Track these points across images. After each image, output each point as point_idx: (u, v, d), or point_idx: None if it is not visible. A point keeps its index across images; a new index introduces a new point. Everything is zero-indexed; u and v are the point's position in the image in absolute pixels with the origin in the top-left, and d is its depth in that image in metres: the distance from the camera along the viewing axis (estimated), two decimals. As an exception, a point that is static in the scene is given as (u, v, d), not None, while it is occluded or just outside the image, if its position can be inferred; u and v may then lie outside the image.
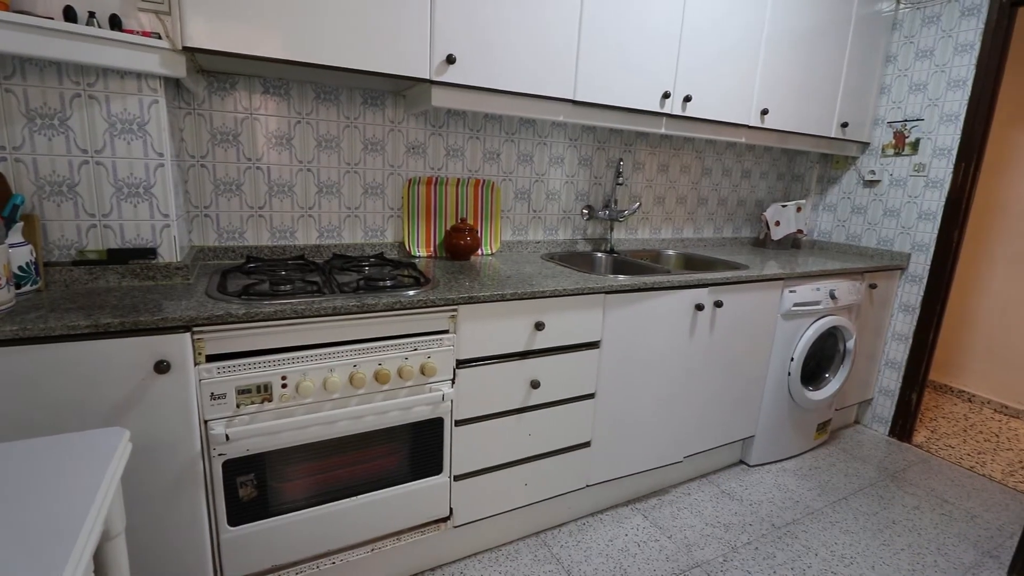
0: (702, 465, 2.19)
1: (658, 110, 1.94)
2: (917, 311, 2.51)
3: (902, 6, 2.53)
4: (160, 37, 1.25)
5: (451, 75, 1.53)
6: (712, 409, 2.06)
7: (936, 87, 2.41)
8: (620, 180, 2.24)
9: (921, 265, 2.48)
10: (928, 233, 2.45)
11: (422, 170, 1.92)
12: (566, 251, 2.27)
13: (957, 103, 2.34)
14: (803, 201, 2.76)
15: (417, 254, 1.92)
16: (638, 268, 2.13)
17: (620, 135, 2.33)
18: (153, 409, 1.08)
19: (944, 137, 2.39)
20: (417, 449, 1.40)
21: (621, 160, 2.25)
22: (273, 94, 1.64)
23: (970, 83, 2.30)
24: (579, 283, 1.58)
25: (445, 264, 1.82)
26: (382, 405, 1.28)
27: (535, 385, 1.55)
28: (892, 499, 2.11)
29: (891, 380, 2.64)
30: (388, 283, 1.36)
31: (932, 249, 2.43)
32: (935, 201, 2.42)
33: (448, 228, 1.94)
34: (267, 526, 1.25)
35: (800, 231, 2.77)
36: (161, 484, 1.12)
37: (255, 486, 1.21)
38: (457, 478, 1.50)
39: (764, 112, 2.20)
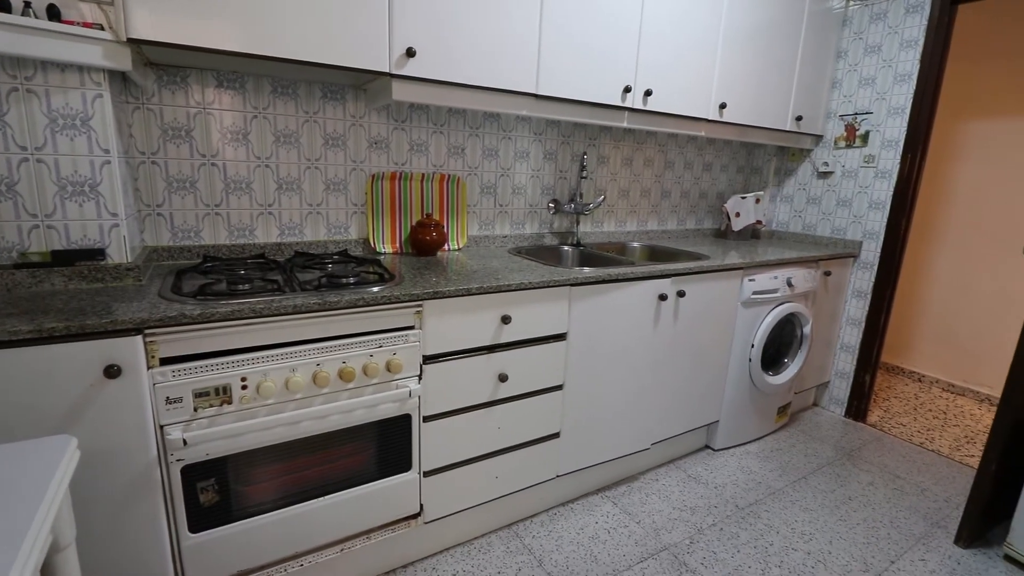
0: (669, 451, 2.25)
1: (620, 104, 1.97)
2: (869, 296, 2.62)
3: (851, 3, 2.62)
4: (103, 28, 1.20)
5: (411, 68, 1.52)
6: (678, 396, 2.11)
7: (884, 81, 2.52)
8: (584, 174, 2.26)
9: (872, 252, 2.59)
10: (878, 222, 2.56)
11: (386, 165, 1.90)
12: (533, 245, 2.28)
13: (903, 96, 2.45)
14: (761, 193, 2.85)
15: (383, 250, 1.90)
16: (604, 260, 2.16)
17: (584, 129, 2.35)
18: (105, 415, 1.04)
19: (892, 129, 2.49)
20: (385, 446, 1.39)
21: (585, 154, 2.27)
22: (227, 88, 1.59)
23: (915, 77, 2.41)
24: (544, 276, 1.59)
25: (411, 260, 1.81)
26: (348, 404, 1.26)
27: (503, 378, 1.56)
28: (848, 477, 2.20)
29: (846, 363, 2.75)
30: (351, 280, 1.34)
31: (882, 237, 2.54)
32: (884, 191, 2.53)
33: (414, 224, 1.92)
34: (231, 531, 1.22)
35: (759, 222, 2.85)
36: (117, 492, 1.08)
37: (217, 491, 1.19)
38: (427, 474, 1.50)
39: (722, 106, 2.25)
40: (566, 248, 2.31)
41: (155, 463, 1.10)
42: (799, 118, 2.58)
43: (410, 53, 1.49)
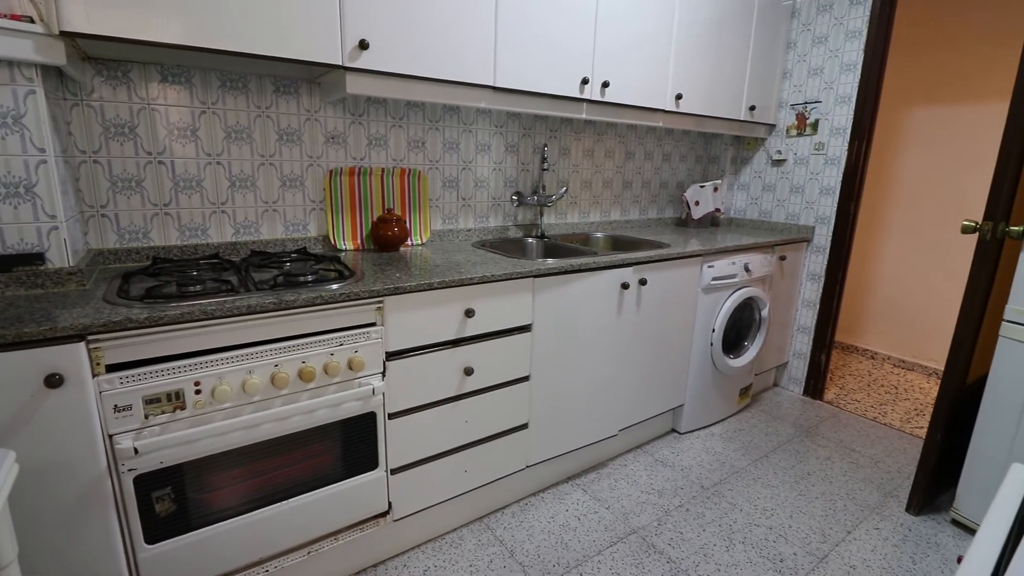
0: (637, 436, 2.29)
1: (578, 96, 1.98)
2: (822, 279, 2.72)
3: (799, -5, 2.70)
4: (33, 21, 1.13)
5: (365, 61, 1.49)
6: (643, 382, 2.15)
7: (831, 71, 2.61)
8: (545, 166, 2.27)
9: (824, 237, 2.69)
10: (829, 207, 2.66)
11: (344, 160, 1.86)
12: (497, 238, 2.28)
13: (849, 85, 2.54)
14: (719, 181, 2.92)
15: (344, 247, 1.87)
16: (568, 251, 2.17)
17: (545, 121, 2.36)
18: (48, 427, 0.99)
19: (839, 117, 2.59)
20: (350, 446, 1.37)
21: (546, 146, 2.28)
22: (172, 82, 1.53)
23: (860, 67, 2.50)
24: (507, 269, 1.60)
25: (373, 256, 1.79)
26: (309, 404, 1.24)
27: (469, 372, 1.56)
28: (807, 453, 2.29)
29: (803, 344, 2.86)
30: (310, 278, 1.31)
31: (833, 221, 2.64)
32: (834, 177, 2.63)
33: (375, 219, 1.89)
34: (191, 540, 1.19)
35: (718, 210, 2.92)
36: (65, 506, 1.04)
37: (173, 500, 1.15)
38: (394, 471, 1.49)
39: (679, 97, 2.29)
40: (530, 240, 2.32)
41: (105, 474, 1.06)
42: (752, 108, 2.65)
43: (363, 45, 1.46)
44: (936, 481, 1.92)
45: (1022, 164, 1.65)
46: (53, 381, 0.97)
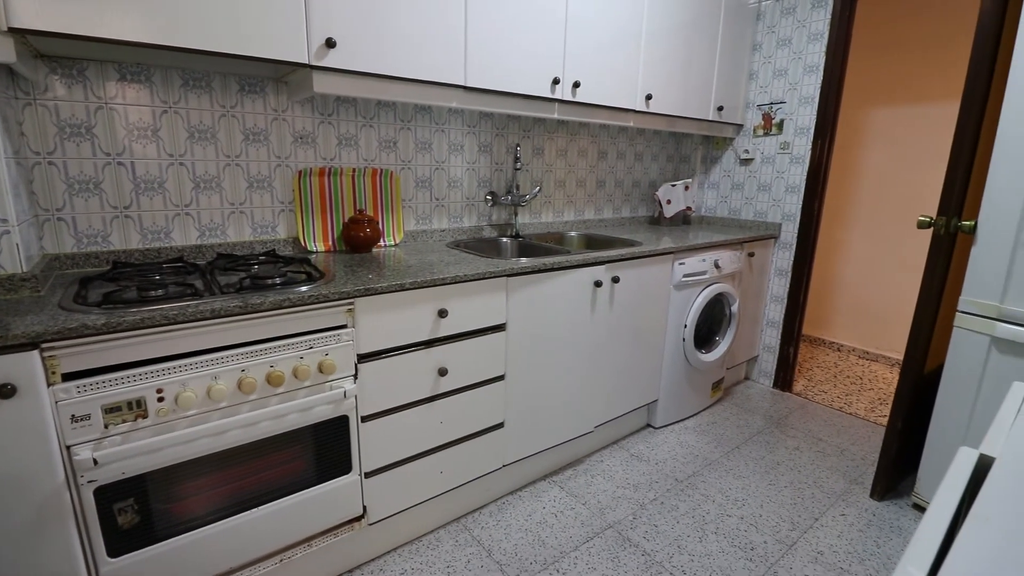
0: (613, 432, 2.32)
1: (550, 96, 1.99)
2: (789, 274, 2.80)
3: (764, -2, 2.77)
4: (-23, 16, 1.08)
5: (332, 60, 1.47)
6: (618, 379, 2.17)
7: (795, 72, 2.68)
8: (518, 165, 2.28)
9: (790, 233, 2.76)
10: (794, 204, 2.73)
11: (313, 161, 1.84)
12: (472, 238, 2.28)
13: (812, 86, 2.62)
14: (690, 180, 2.97)
15: (314, 249, 1.84)
16: (542, 251, 2.18)
17: (518, 121, 2.36)
18: (0, 439, 0.95)
19: (803, 117, 2.66)
20: (322, 450, 1.35)
21: (518, 145, 2.29)
22: (132, 81, 1.49)
23: (822, 68, 2.58)
24: (480, 268, 1.60)
25: (345, 257, 1.76)
26: (278, 409, 1.22)
27: (443, 372, 1.55)
28: (777, 443, 2.35)
29: (772, 338, 2.93)
30: (278, 280, 1.29)
31: (798, 218, 2.72)
32: (799, 175, 2.70)
33: (346, 220, 1.87)
34: (156, 552, 1.15)
35: (689, 208, 2.98)
36: (21, 521, 1.00)
37: (137, 511, 1.12)
38: (368, 475, 1.47)
39: (648, 97, 2.32)
40: (505, 240, 2.32)
41: (64, 487, 1.02)
42: (720, 108, 2.70)
43: (330, 44, 1.44)
44: (898, 467, 2.00)
45: (972, 162, 1.72)
46: (5, 391, 0.93)
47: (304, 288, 1.27)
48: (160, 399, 1.08)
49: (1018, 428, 0.81)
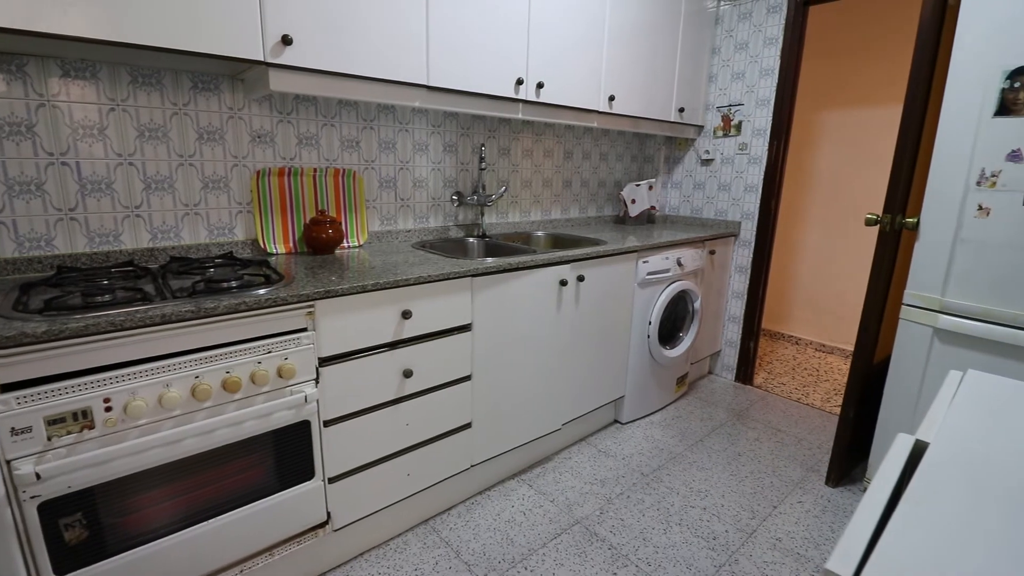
0: (580, 429, 2.34)
1: (514, 96, 2.00)
2: (749, 271, 2.88)
3: (722, 3, 2.84)
4: (-102, 6, 1.02)
5: (289, 57, 1.44)
6: (584, 376, 2.20)
7: (752, 75, 2.76)
8: (483, 165, 2.28)
9: (749, 231, 2.85)
10: (753, 203, 2.82)
11: (272, 160, 1.79)
12: (438, 238, 2.27)
13: (768, 89, 2.70)
14: (654, 180, 3.03)
15: (274, 251, 1.80)
16: (509, 250, 2.19)
17: (483, 121, 2.36)
18: (-69, 456, 0.90)
19: (760, 119, 2.75)
20: (284, 456, 1.33)
21: (483, 145, 2.29)
22: (76, 77, 1.42)
23: (777, 72, 2.66)
24: (444, 268, 1.59)
25: (307, 259, 1.73)
26: (235, 416, 1.19)
27: (408, 374, 1.54)
28: (738, 435, 2.43)
29: (734, 333, 3.02)
30: (234, 284, 1.26)
31: (756, 217, 2.81)
32: (756, 175, 2.79)
33: (307, 221, 1.83)
34: (107, 567, 1.11)
35: (653, 207, 3.03)
36: (-45, 543, 0.95)
37: (85, 526, 1.07)
38: (332, 480, 1.45)
39: (611, 98, 2.36)
40: (471, 240, 2.32)
41: (4, 503, 0.97)
42: (681, 109, 2.76)
43: (286, 41, 1.41)
44: (851, 455, 2.09)
45: (915, 163, 1.81)
46: (-65, 405, 0.88)
47: (262, 291, 1.24)
48: (108, 409, 1.04)
49: (951, 414, 0.86)
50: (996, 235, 1.58)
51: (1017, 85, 1.51)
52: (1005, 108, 1.53)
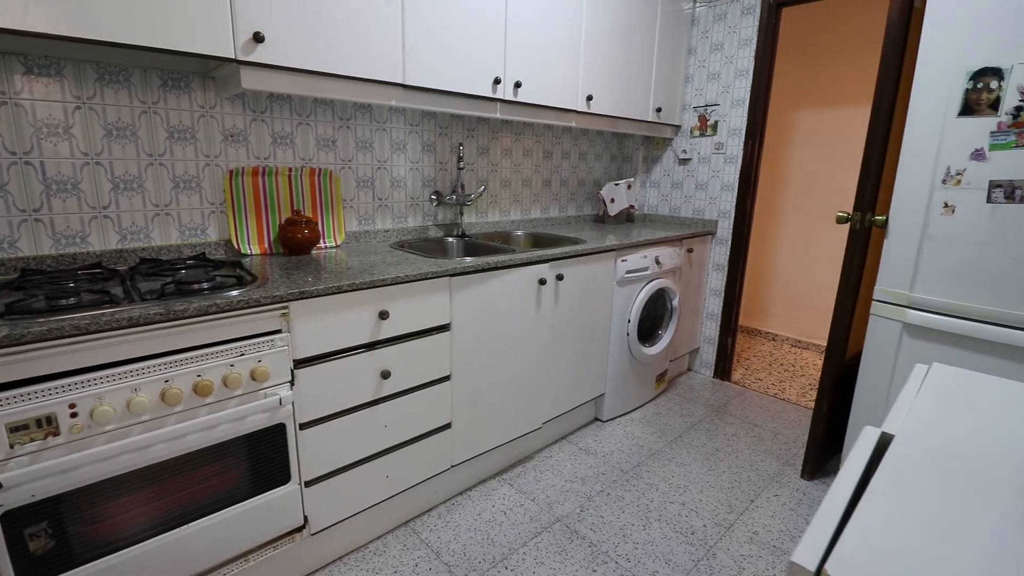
0: (561, 427, 2.35)
1: (491, 95, 2.00)
2: (726, 269, 2.93)
3: (697, 5, 2.88)
4: None
5: (261, 55, 1.42)
6: (565, 374, 2.21)
7: (727, 76, 2.80)
8: (461, 165, 2.27)
9: (726, 229, 2.89)
10: (729, 202, 2.86)
11: (246, 160, 1.76)
12: (417, 238, 2.25)
13: (743, 89, 2.75)
14: (632, 179, 3.05)
15: (249, 252, 1.77)
16: (488, 250, 2.19)
17: (461, 120, 2.36)
18: None
19: (735, 119, 2.79)
20: (259, 460, 1.30)
21: (461, 145, 2.28)
22: (40, 75, 1.38)
23: (751, 72, 2.71)
24: (422, 268, 1.58)
25: (282, 260, 1.70)
26: (207, 420, 1.17)
27: (386, 375, 1.53)
28: (716, 431, 2.46)
29: (712, 329, 3.06)
30: (205, 285, 1.23)
31: (733, 215, 2.85)
32: (732, 174, 2.83)
33: (283, 221, 1.81)
34: (75, 577, 1.08)
35: (632, 206, 3.06)
36: (-90, 557, 0.91)
37: (51, 535, 1.04)
38: (309, 483, 1.43)
39: (589, 98, 2.37)
40: (451, 240, 2.31)
41: (-38, 515, 0.94)
42: (659, 109, 2.79)
43: (258, 38, 1.39)
44: (825, 448, 2.13)
45: (883, 162, 1.86)
46: None
47: (234, 292, 1.22)
48: (73, 415, 1.01)
49: (916, 407, 0.88)
50: (961, 232, 1.63)
51: (980, 86, 1.55)
52: (969, 108, 1.58)
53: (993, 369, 1.59)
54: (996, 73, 1.52)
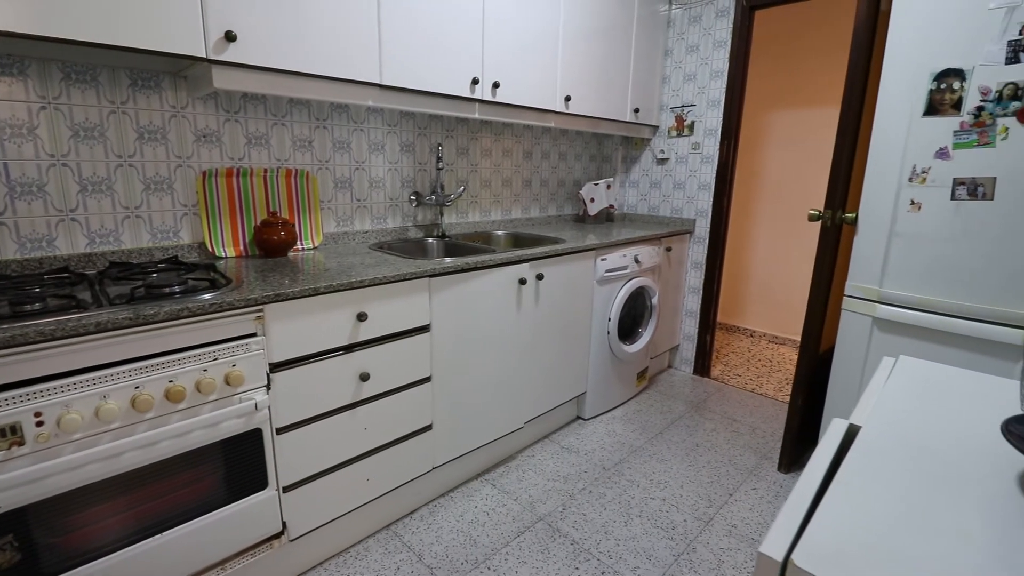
0: (544, 426, 2.36)
1: (470, 96, 2.00)
2: (704, 267, 2.97)
3: (673, 7, 2.92)
4: None
5: (233, 54, 1.39)
6: (546, 374, 2.22)
7: (703, 77, 2.84)
8: (440, 165, 2.26)
9: (704, 228, 2.93)
10: (706, 201, 2.90)
11: (219, 161, 1.73)
12: (397, 239, 2.24)
13: (718, 90, 2.79)
14: (611, 179, 3.07)
15: (223, 254, 1.74)
16: (468, 250, 2.18)
17: (440, 121, 2.35)
18: None
19: (711, 119, 2.83)
20: (234, 466, 1.28)
21: (440, 145, 2.27)
22: (2, 74, 1.34)
23: (726, 73, 2.75)
24: (401, 269, 1.57)
25: (258, 262, 1.68)
26: (180, 426, 1.14)
27: (365, 377, 1.52)
28: (696, 426, 2.49)
29: (691, 327, 3.10)
30: (177, 289, 1.21)
31: (710, 214, 2.89)
32: (709, 174, 2.87)
33: (258, 223, 1.78)
34: (42, 591, 1.05)
35: (612, 206, 3.08)
36: None
37: (18, 548, 1.01)
38: (287, 489, 1.41)
39: (568, 99, 2.38)
40: (431, 240, 2.30)
41: (-79, 530, 0.91)
42: (636, 110, 2.82)
43: (230, 37, 1.37)
44: (801, 441, 2.17)
45: (853, 160, 1.90)
46: None
47: (207, 296, 1.20)
48: (39, 423, 0.98)
49: (883, 399, 0.91)
50: (927, 228, 1.67)
51: (943, 86, 1.60)
52: (933, 108, 1.63)
53: (960, 361, 1.64)
54: (958, 74, 1.57)
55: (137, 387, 1.09)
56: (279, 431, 1.37)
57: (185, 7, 1.29)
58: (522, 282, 1.96)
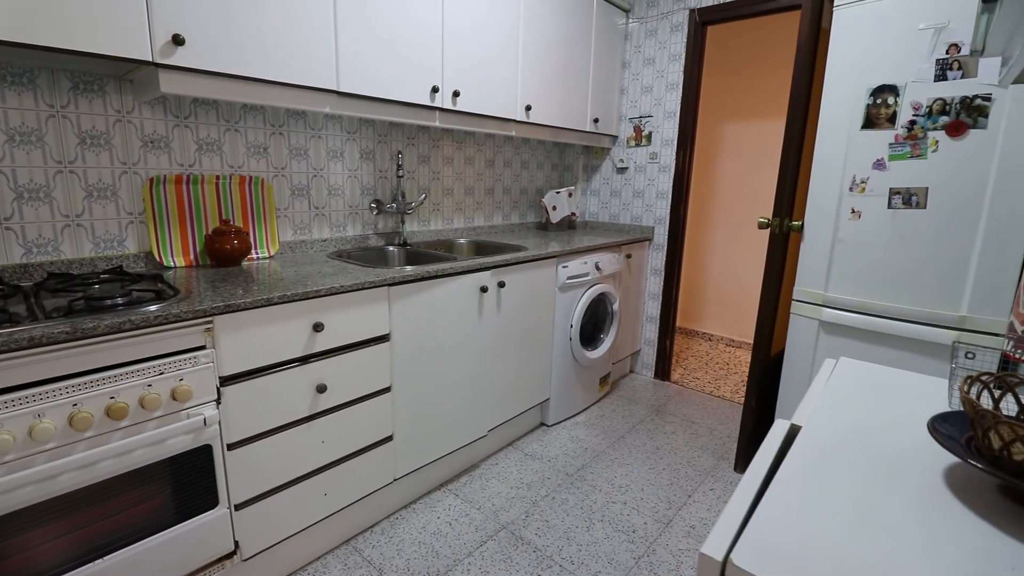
0: (507, 434, 2.36)
1: (430, 104, 2.00)
2: (663, 273, 3.04)
3: (630, 20, 3.00)
4: None
5: (181, 58, 1.35)
6: (509, 381, 2.22)
7: (659, 89, 2.93)
8: (401, 173, 2.25)
9: (662, 235, 3.01)
10: (664, 209, 2.98)
11: (168, 167, 1.67)
12: (357, 247, 2.21)
13: (674, 102, 2.88)
14: (573, 187, 3.12)
15: (172, 264, 1.68)
16: (429, 258, 2.17)
17: (401, 128, 2.34)
18: None
19: (668, 130, 2.91)
20: (182, 485, 1.23)
21: (400, 153, 2.26)
22: (-78, 73, 1.26)
23: (681, 86, 2.84)
24: (359, 278, 1.55)
25: (210, 272, 1.63)
26: (122, 445, 1.09)
27: (322, 389, 1.49)
28: (657, 430, 2.54)
29: (651, 332, 3.17)
30: (119, 301, 1.16)
31: (668, 222, 2.97)
32: (666, 182, 2.95)
33: (210, 232, 1.73)
34: (-33, 626, 0.98)
35: (573, 214, 3.13)
36: None
37: (-63, 581, 0.94)
38: (239, 506, 1.36)
39: (528, 108, 2.41)
40: (391, 248, 2.28)
41: None
42: (596, 120, 2.88)
43: (178, 40, 1.33)
44: (756, 441, 2.25)
45: (798, 170, 1.99)
46: None
47: (152, 307, 1.15)
48: (-37, 447, 0.92)
49: (823, 399, 0.95)
50: (867, 235, 1.77)
51: (879, 101, 1.70)
52: (870, 122, 1.73)
53: (899, 361, 1.74)
54: (892, 90, 1.67)
55: (75, 404, 1.03)
56: (230, 447, 1.32)
57: (129, 9, 1.25)
58: (483, 290, 1.96)
